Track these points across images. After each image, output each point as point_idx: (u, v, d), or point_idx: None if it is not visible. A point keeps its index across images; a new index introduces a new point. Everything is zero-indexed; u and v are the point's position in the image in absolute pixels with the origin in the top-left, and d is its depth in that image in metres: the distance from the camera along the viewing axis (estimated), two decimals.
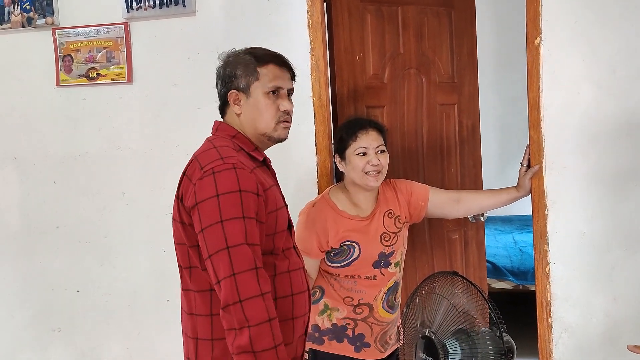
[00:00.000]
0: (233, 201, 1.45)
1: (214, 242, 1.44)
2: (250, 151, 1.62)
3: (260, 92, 1.62)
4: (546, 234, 2.28)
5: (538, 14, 2.22)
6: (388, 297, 2.17)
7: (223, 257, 1.42)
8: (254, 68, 1.62)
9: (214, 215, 1.44)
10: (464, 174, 2.80)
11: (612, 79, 2.21)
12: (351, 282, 2.14)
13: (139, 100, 2.70)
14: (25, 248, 2.87)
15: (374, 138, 2.09)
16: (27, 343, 2.92)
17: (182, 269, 1.60)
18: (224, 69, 1.65)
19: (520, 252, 4.15)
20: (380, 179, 2.10)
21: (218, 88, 1.68)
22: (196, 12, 2.60)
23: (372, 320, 2.16)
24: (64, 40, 2.73)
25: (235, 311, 1.40)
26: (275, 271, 1.56)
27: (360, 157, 2.08)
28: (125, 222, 2.76)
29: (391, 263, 2.16)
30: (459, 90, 2.77)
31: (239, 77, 1.62)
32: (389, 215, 2.17)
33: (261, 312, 1.40)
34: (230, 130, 1.64)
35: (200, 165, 1.52)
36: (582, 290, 2.29)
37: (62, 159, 2.80)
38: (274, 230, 1.56)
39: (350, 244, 2.10)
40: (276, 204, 1.57)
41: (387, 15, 2.59)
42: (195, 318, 1.56)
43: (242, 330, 1.40)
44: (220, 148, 1.55)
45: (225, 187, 1.45)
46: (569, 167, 2.25)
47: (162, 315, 2.72)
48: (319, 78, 2.48)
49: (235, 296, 1.40)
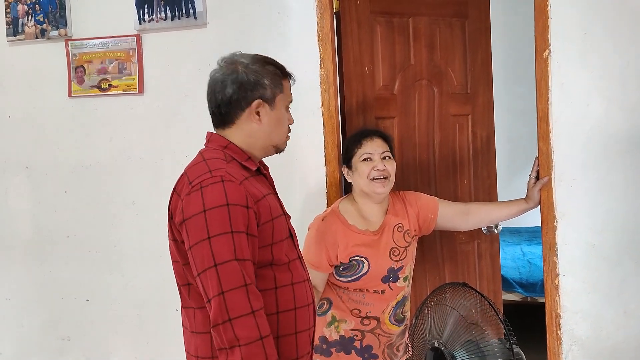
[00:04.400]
0: (220, 216, 1.40)
1: (202, 259, 1.40)
2: (243, 161, 1.57)
3: (282, 104, 1.61)
4: (555, 245, 2.28)
5: (547, 27, 2.23)
6: (396, 310, 2.16)
7: (211, 275, 1.39)
8: (279, 81, 1.60)
9: (201, 232, 1.41)
10: (478, 186, 2.78)
11: (622, 92, 2.21)
12: (359, 295, 2.13)
13: (150, 110, 2.72)
14: (35, 256, 2.89)
15: (378, 144, 2.11)
16: (36, 351, 2.93)
17: (180, 287, 1.56)
18: (246, 75, 1.55)
19: (528, 263, 4.13)
20: (388, 185, 2.09)
21: (228, 93, 1.56)
22: (207, 24, 2.62)
23: (379, 331, 2.16)
24: (77, 51, 2.76)
25: (225, 330, 1.37)
26: (276, 284, 1.52)
27: (365, 163, 2.09)
28: (135, 232, 2.78)
29: (400, 278, 2.15)
30: (472, 101, 2.76)
31: (267, 87, 1.57)
32: (398, 229, 2.16)
33: (252, 331, 1.37)
34: (222, 141, 1.58)
35: (189, 179, 1.49)
36: (592, 303, 2.28)
37: (74, 168, 2.82)
38: (270, 240, 1.51)
39: (359, 259, 2.09)
40: (271, 214, 1.52)
41: (398, 26, 2.60)
42: (196, 336, 1.53)
43: (233, 349, 1.37)
44: (209, 160, 1.52)
45: (212, 202, 1.42)
46: (578, 178, 2.25)
47: (171, 324, 2.70)
48: (329, 89, 2.49)
49: (224, 315, 1.37)
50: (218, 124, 1.62)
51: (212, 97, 1.59)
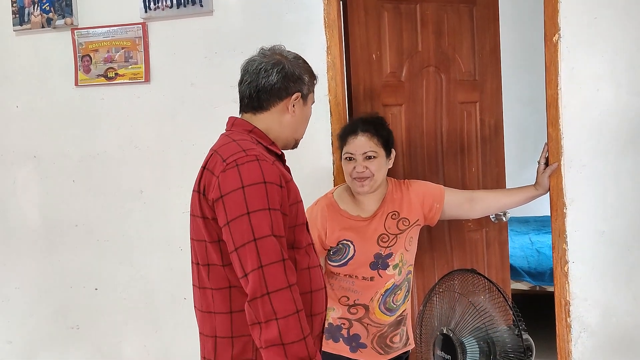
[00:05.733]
0: (258, 193, 1.44)
1: (241, 234, 1.43)
2: (268, 145, 1.62)
3: (311, 103, 1.70)
4: (565, 232, 2.26)
5: (557, 11, 2.20)
6: (385, 298, 2.15)
7: (250, 249, 1.42)
8: (313, 80, 1.68)
9: (240, 208, 1.43)
10: (486, 173, 2.76)
11: (632, 77, 2.18)
12: (349, 281, 2.14)
13: (156, 99, 2.72)
14: (44, 246, 2.90)
15: (361, 144, 2.07)
16: (45, 340, 2.95)
17: (200, 267, 1.57)
18: (292, 68, 1.61)
19: (537, 252, 4.12)
20: (370, 185, 2.07)
21: (272, 80, 1.59)
22: (213, 12, 2.61)
23: (368, 321, 2.15)
24: (83, 40, 2.76)
25: (263, 304, 1.39)
26: (296, 267, 1.54)
27: (347, 162, 2.09)
28: (143, 221, 2.78)
29: (389, 265, 2.13)
30: (480, 88, 2.74)
31: (305, 84, 1.65)
32: (392, 216, 2.14)
33: (289, 304, 1.40)
34: (247, 125, 1.63)
35: (222, 157, 1.50)
36: (602, 290, 2.27)
37: (81, 158, 2.83)
38: (295, 222, 1.55)
39: (345, 243, 2.11)
40: (297, 197, 1.57)
41: (405, 12, 2.57)
42: (213, 316, 1.55)
43: (269, 323, 1.39)
44: (239, 141, 1.55)
45: (250, 179, 1.45)
46: (588, 165, 2.23)
47: (180, 313, 2.73)
48: (335, 77, 2.48)
49: (263, 288, 1.40)
50: (249, 109, 1.65)
51: (252, 81, 1.62)
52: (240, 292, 1.49)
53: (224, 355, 1.54)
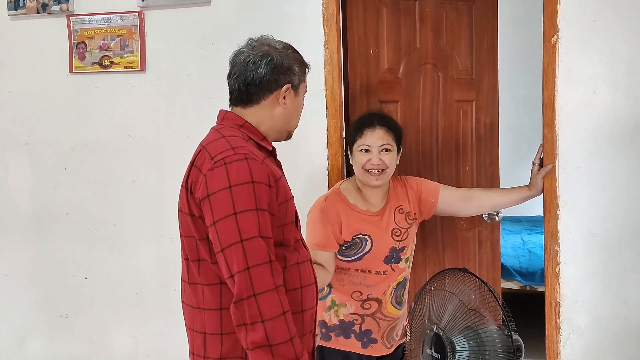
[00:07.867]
0: (246, 193, 1.42)
1: (227, 235, 1.41)
2: (259, 140, 1.59)
3: (302, 93, 1.67)
4: (557, 234, 2.26)
5: (556, 11, 2.20)
6: (397, 292, 2.17)
7: (237, 250, 1.39)
8: (304, 70, 1.65)
9: (226, 208, 1.41)
10: (480, 172, 2.77)
11: (630, 80, 2.18)
12: (361, 276, 2.13)
13: (151, 89, 2.70)
14: (34, 234, 2.88)
15: (379, 136, 2.08)
16: (34, 328, 2.93)
17: (190, 262, 1.55)
18: (281, 59, 1.57)
19: (528, 252, 4.13)
20: (383, 178, 2.09)
21: (260, 73, 1.56)
22: (210, 2, 2.59)
23: (380, 315, 2.16)
24: (78, 27, 2.73)
25: (249, 305, 1.38)
26: (286, 263, 1.53)
27: (362, 154, 2.09)
28: (134, 211, 2.77)
29: (402, 259, 2.16)
30: (477, 87, 2.74)
31: (296, 74, 1.61)
32: (399, 211, 2.17)
33: (276, 306, 1.39)
34: (238, 120, 1.59)
35: (210, 155, 1.47)
36: (592, 292, 2.27)
37: (74, 146, 2.80)
38: (283, 221, 1.53)
39: (362, 237, 2.10)
40: (286, 195, 1.55)
41: (404, 9, 2.56)
42: (203, 312, 1.53)
43: (255, 325, 1.38)
44: (229, 137, 1.51)
45: (237, 179, 1.42)
46: (582, 167, 2.23)
47: (170, 304, 2.72)
48: (332, 71, 2.47)
49: (249, 290, 1.38)
50: (239, 102, 1.61)
51: (241, 74, 1.58)
52: (230, 289, 1.47)
53: (213, 352, 1.52)
